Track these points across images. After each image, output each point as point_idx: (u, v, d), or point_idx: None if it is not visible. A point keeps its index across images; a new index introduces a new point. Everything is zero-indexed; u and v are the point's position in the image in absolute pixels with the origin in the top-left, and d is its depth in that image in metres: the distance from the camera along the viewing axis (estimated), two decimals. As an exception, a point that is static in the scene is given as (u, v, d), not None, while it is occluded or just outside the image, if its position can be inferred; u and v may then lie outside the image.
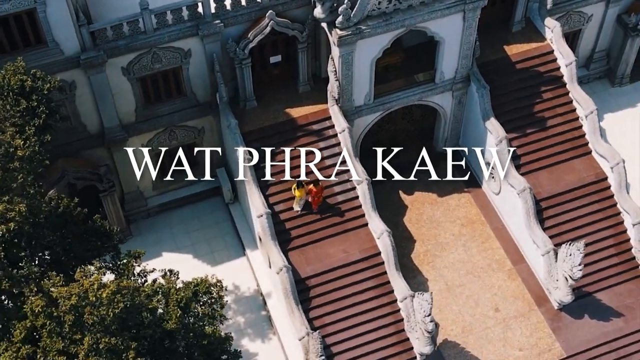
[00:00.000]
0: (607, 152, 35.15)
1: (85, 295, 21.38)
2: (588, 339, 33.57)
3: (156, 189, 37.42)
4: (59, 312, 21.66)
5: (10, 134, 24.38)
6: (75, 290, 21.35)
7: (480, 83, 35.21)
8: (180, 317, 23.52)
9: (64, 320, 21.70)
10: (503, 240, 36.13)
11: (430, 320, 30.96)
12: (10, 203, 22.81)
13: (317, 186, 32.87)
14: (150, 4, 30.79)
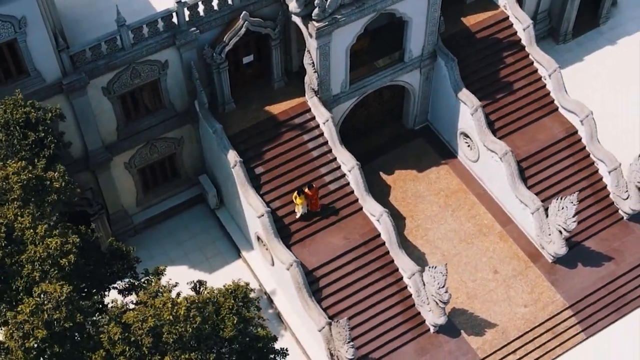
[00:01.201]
0: (574, 106, 36.70)
1: (160, 315, 21.28)
2: (585, 286, 35.13)
3: (140, 206, 37.06)
4: (137, 337, 21.49)
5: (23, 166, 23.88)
6: (149, 312, 21.22)
7: (449, 57, 36.21)
8: (237, 324, 23.63)
9: (142, 343, 21.54)
10: (488, 205, 37.32)
11: (446, 291, 31.84)
12: (64, 236, 22.45)
13: (311, 189, 33.24)
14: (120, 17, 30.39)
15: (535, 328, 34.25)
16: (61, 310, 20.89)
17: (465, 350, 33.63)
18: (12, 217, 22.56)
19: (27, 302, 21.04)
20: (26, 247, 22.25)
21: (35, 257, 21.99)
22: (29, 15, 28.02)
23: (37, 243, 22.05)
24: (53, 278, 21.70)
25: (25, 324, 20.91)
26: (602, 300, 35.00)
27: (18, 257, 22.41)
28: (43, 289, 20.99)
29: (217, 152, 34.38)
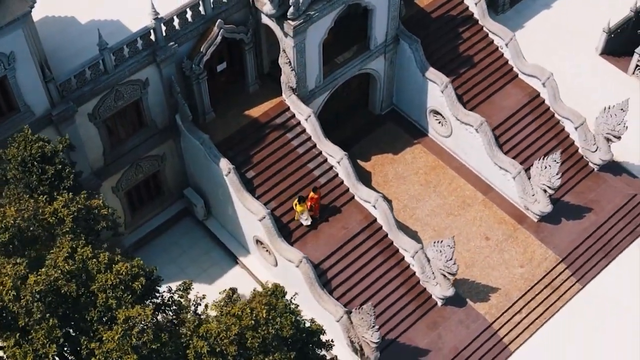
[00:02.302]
0: (535, 70, 38.33)
1: (239, 322, 21.47)
2: (573, 239, 36.83)
3: (129, 228, 36.78)
4: (221, 347, 21.58)
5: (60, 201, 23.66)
6: (231, 321, 21.36)
7: (412, 39, 37.24)
8: (294, 322, 24.00)
9: (228, 352, 21.66)
10: (466, 176, 38.59)
11: (454, 263, 32.92)
12: (130, 259, 22.41)
13: (316, 192, 33.74)
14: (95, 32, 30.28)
15: (534, 286, 35.69)
16: (147, 332, 20.87)
17: (474, 317, 34.81)
18: (69, 250, 22.31)
19: (115, 329, 20.92)
20: (93, 276, 22.05)
21: (107, 284, 21.85)
22: (17, 50, 27.58)
23: (103, 271, 21.91)
24: (128, 303, 21.62)
25: (113, 352, 20.78)
26: (590, 249, 36.75)
27: (87, 288, 22.18)
28: (127, 315, 20.91)
29: (205, 162, 34.46)
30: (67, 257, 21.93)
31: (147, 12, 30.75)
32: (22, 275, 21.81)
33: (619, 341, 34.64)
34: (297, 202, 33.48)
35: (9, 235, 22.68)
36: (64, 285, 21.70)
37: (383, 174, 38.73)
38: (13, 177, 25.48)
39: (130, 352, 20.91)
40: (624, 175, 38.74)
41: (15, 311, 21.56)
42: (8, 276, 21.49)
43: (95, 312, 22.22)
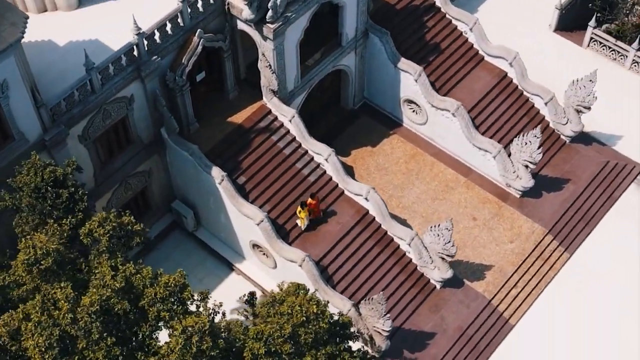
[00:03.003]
0: (501, 51, 39.42)
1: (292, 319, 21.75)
2: (555, 210, 38.02)
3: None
4: (276, 347, 21.78)
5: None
6: (282, 319, 21.58)
7: (382, 32, 37.91)
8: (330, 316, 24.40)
9: (282, 351, 21.87)
10: (446, 161, 39.45)
11: (452, 245, 33.70)
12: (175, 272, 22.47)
13: (314, 197, 34.14)
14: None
15: (526, 259, 36.74)
16: (206, 340, 20.97)
17: (473, 296, 35.67)
18: (110, 268, 22.26)
19: (174, 340, 20.96)
20: (140, 292, 22.02)
21: (157, 298, 21.86)
22: (10, 77, 27.30)
23: (149, 285, 21.92)
24: (179, 313, 21.68)
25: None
26: (573, 219, 37.99)
27: (135, 304, 22.14)
28: (185, 324, 20.97)
29: (194, 173, 34.51)
30: (114, 275, 21.88)
31: (123, 30, 30.78)
32: (73, 298, 21.69)
33: (610, 304, 35.93)
34: (299, 208, 33.74)
35: (51, 260, 22.51)
36: (116, 304, 21.67)
37: (365, 167, 39.29)
38: (28, 205, 25.18)
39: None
40: (594, 144, 40.13)
41: (74, 334, 21.42)
42: (61, 300, 21.33)
43: (147, 326, 22.21)
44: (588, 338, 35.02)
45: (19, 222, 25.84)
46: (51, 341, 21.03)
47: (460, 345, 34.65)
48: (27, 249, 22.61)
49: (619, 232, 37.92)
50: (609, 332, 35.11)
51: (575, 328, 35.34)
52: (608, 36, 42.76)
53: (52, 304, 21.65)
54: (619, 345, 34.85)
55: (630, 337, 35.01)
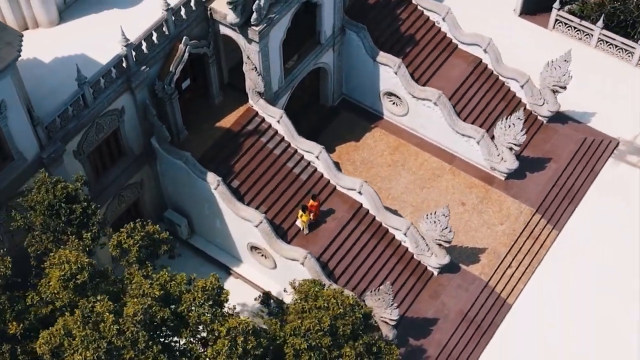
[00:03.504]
0: (474, 39, 40.19)
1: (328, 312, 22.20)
2: (540, 189, 38.92)
3: (115, 262, 36.35)
4: (316, 341, 22.02)
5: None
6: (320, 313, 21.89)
7: (359, 27, 38.35)
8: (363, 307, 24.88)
9: (322, 344, 22.14)
10: (429, 149, 40.10)
11: (450, 231, 34.31)
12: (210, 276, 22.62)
13: (315, 199, 34.42)
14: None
15: (517, 239, 37.56)
16: (250, 339, 21.14)
17: (470, 279, 36.35)
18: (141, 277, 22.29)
19: (220, 342, 21.10)
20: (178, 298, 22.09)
21: (196, 303, 21.96)
22: (7, 97, 27.08)
23: (185, 291, 22.01)
24: (219, 316, 21.81)
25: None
26: (558, 196, 38.93)
27: (173, 310, 22.21)
28: (229, 326, 21.11)
29: (188, 180, 34.55)
30: (152, 283, 21.95)
31: (107, 42, 30.87)
32: (114, 310, 21.68)
33: (601, 277, 36.91)
34: (301, 212, 33.99)
35: (88, 275, 22.45)
36: (158, 312, 21.71)
37: (351, 162, 39.71)
38: (42, 223, 25.03)
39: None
40: (570, 122, 41.15)
41: (121, 345, 21.40)
42: (105, 312, 21.31)
43: (188, 331, 22.30)
44: (583, 312, 35.95)
45: (31, 242, 25.65)
46: (99, 354, 20.99)
47: (463, 329, 35.30)
48: (61, 264, 22.53)
49: (602, 206, 38.97)
50: (602, 305, 36.07)
51: (570, 303, 36.25)
52: (572, 17, 43.83)
53: (93, 318, 21.60)
54: (614, 317, 35.80)
55: (622, 308, 36.01)
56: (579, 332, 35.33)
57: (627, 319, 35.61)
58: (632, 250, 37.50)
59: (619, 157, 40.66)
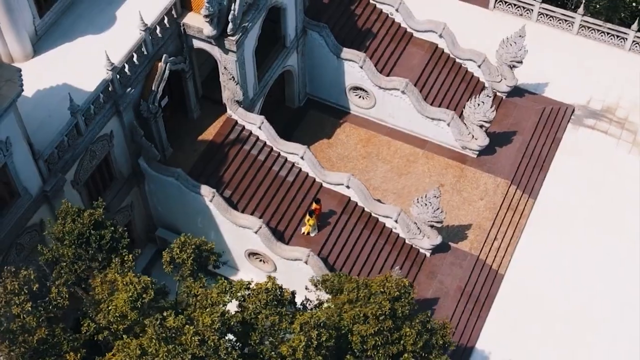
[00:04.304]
0: (429, 26, 41.52)
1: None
2: (511, 161, 40.49)
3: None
4: (378, 324, 22.78)
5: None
6: (380, 298, 22.72)
7: (320, 26, 39.18)
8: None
9: (384, 328, 22.89)
10: (400, 137, 41.22)
11: (441, 211, 35.50)
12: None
13: (319, 203, 35.12)
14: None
15: (498, 212, 39.04)
16: (323, 332, 21.78)
17: (462, 255, 37.63)
18: (199, 289, 22.63)
19: (295, 338, 21.66)
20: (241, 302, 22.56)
21: (261, 305, 22.47)
22: (11, 134, 26.92)
23: (247, 297, 22.45)
24: (285, 315, 22.36)
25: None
26: (528, 166, 40.61)
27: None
28: (301, 321, 21.69)
29: (180, 196, 34.77)
30: (220, 292, 22.34)
31: (85, 70, 31.07)
32: (185, 323, 21.95)
33: (580, 236, 38.73)
34: (308, 216, 34.55)
35: (153, 293, 22.62)
36: (232, 318, 22.12)
37: (327, 159, 40.47)
38: (73, 254, 25.00)
39: (314, 356, 21.68)
40: (526, 95, 42.91)
41: (203, 354, 21.66)
42: (180, 326, 21.56)
43: (257, 334, 22.73)
44: (570, 272, 37.66)
45: (60, 274, 25.52)
46: None
47: (463, 303, 36.53)
48: (126, 286, 22.66)
49: (569, 169, 40.85)
50: (584, 262, 37.87)
51: (556, 265, 37.89)
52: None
53: (167, 333, 21.83)
54: (597, 272, 37.66)
55: (603, 262, 37.93)
56: (569, 291, 37.04)
57: (609, 272, 37.48)
58: (603, 207, 39.44)
59: (577, 122, 42.63)
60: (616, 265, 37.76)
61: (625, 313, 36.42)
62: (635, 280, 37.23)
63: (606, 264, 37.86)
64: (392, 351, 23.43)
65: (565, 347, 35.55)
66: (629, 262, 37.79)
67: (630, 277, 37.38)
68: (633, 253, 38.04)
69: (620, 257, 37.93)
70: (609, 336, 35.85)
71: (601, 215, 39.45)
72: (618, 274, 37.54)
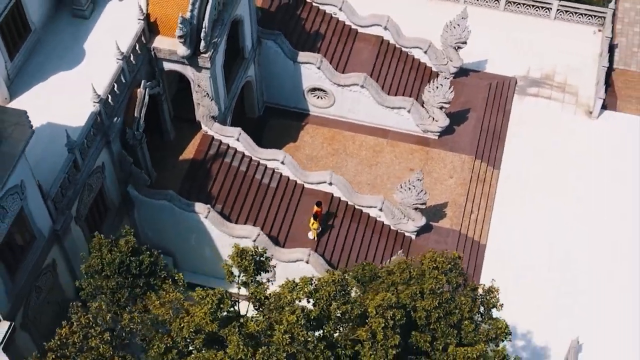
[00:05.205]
0: (373, 20, 43.04)
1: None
2: (471, 137, 42.43)
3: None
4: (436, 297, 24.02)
5: None
6: (434, 274, 23.91)
7: (274, 34, 40.12)
8: None
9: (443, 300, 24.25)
10: (363, 131, 42.55)
11: (425, 193, 37.02)
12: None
13: (320, 206, 36.01)
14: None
15: (469, 187, 40.89)
16: (396, 311, 23.13)
17: (445, 232, 39.29)
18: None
19: (375, 322, 22.74)
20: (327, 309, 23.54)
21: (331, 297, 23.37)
22: (25, 178, 26.89)
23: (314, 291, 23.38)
24: (353, 302, 23.36)
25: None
26: (487, 139, 42.64)
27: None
28: (376, 304, 22.79)
29: (171, 218, 35.12)
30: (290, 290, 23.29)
31: (65, 107, 31.40)
32: (269, 326, 22.65)
33: (546, 197, 41.01)
34: (312, 220, 35.39)
35: (230, 302, 23.21)
36: (311, 312, 23.02)
37: (298, 161, 41.08)
38: (118, 282, 25.25)
39: (391, 335, 22.79)
40: (471, 74, 44.99)
41: (295, 350, 22.34)
42: (266, 330, 22.24)
43: (332, 324, 23.65)
44: (545, 232, 39.83)
45: (101, 307, 25.59)
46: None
47: (455, 278, 38.10)
48: (204, 299, 23.19)
49: (523, 137, 43.11)
50: (556, 224, 40.12)
51: (531, 228, 39.98)
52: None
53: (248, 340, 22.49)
54: (569, 229, 40.00)
55: (571, 218, 40.33)
56: (549, 252, 39.15)
57: (578, 228, 39.90)
58: (560, 168, 41.87)
59: (521, 92, 45.02)
60: (584, 221, 40.12)
61: (595, 268, 38.69)
62: (603, 233, 39.61)
63: (573, 220, 40.24)
64: (452, 320, 24.71)
65: (551, 306, 37.57)
66: (595, 218, 40.16)
67: (597, 231, 39.73)
68: (595, 207, 40.49)
69: (584, 213, 40.33)
70: (586, 287, 38.07)
71: (560, 175, 41.82)
72: (585, 230, 39.89)
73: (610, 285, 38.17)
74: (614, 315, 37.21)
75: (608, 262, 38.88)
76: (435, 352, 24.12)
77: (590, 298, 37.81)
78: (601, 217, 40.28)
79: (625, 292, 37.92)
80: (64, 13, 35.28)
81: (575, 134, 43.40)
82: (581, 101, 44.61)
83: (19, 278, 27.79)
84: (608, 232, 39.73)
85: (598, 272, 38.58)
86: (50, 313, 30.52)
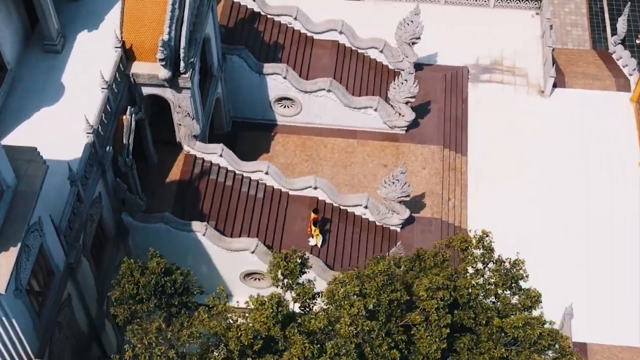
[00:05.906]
0: (328, 25, 44.01)
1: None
2: (437, 128, 43.77)
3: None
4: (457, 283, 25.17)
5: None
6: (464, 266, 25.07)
7: (239, 49, 40.71)
8: None
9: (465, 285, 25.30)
10: (332, 134, 43.38)
11: (408, 185, 38.18)
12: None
13: (316, 213, 36.63)
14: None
15: (443, 174, 42.26)
16: (444, 293, 24.00)
17: (427, 222, 40.52)
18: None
19: (429, 304, 23.61)
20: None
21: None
22: (42, 214, 26.86)
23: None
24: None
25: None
26: (452, 128, 44.14)
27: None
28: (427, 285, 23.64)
29: (168, 240, 35.29)
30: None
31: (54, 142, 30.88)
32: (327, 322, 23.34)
33: (515, 177, 42.80)
34: (314, 227, 35.99)
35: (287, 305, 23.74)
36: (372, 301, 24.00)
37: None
38: (155, 304, 25.45)
39: (443, 315, 23.75)
40: (425, 67, 46.43)
41: (360, 341, 23.02)
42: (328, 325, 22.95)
43: (382, 313, 24.43)
44: (521, 208, 41.53)
45: (138, 331, 25.74)
46: (352, 355, 22.60)
47: (445, 264, 39.37)
48: (263, 305, 23.61)
49: (483, 122, 44.84)
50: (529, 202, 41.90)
51: (505, 210, 41.61)
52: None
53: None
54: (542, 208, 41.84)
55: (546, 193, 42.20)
56: (529, 230, 40.76)
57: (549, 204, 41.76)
58: (522, 148, 43.72)
59: (475, 80, 46.75)
60: (554, 197, 42.05)
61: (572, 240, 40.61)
62: (572, 209, 41.55)
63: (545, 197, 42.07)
64: (490, 294, 25.87)
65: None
66: (562, 193, 42.11)
67: (566, 206, 41.65)
68: (560, 183, 42.43)
69: (553, 190, 42.22)
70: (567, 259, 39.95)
71: (524, 155, 43.62)
72: (556, 205, 41.81)
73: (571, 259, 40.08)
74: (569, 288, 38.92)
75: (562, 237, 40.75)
76: (479, 327, 25.20)
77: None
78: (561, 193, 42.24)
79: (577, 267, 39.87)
80: (33, 50, 35.06)
81: (531, 112, 45.29)
82: (532, 82, 46.57)
83: (44, 315, 27.68)
84: (562, 207, 41.59)
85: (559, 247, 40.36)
86: (69, 348, 30.43)
